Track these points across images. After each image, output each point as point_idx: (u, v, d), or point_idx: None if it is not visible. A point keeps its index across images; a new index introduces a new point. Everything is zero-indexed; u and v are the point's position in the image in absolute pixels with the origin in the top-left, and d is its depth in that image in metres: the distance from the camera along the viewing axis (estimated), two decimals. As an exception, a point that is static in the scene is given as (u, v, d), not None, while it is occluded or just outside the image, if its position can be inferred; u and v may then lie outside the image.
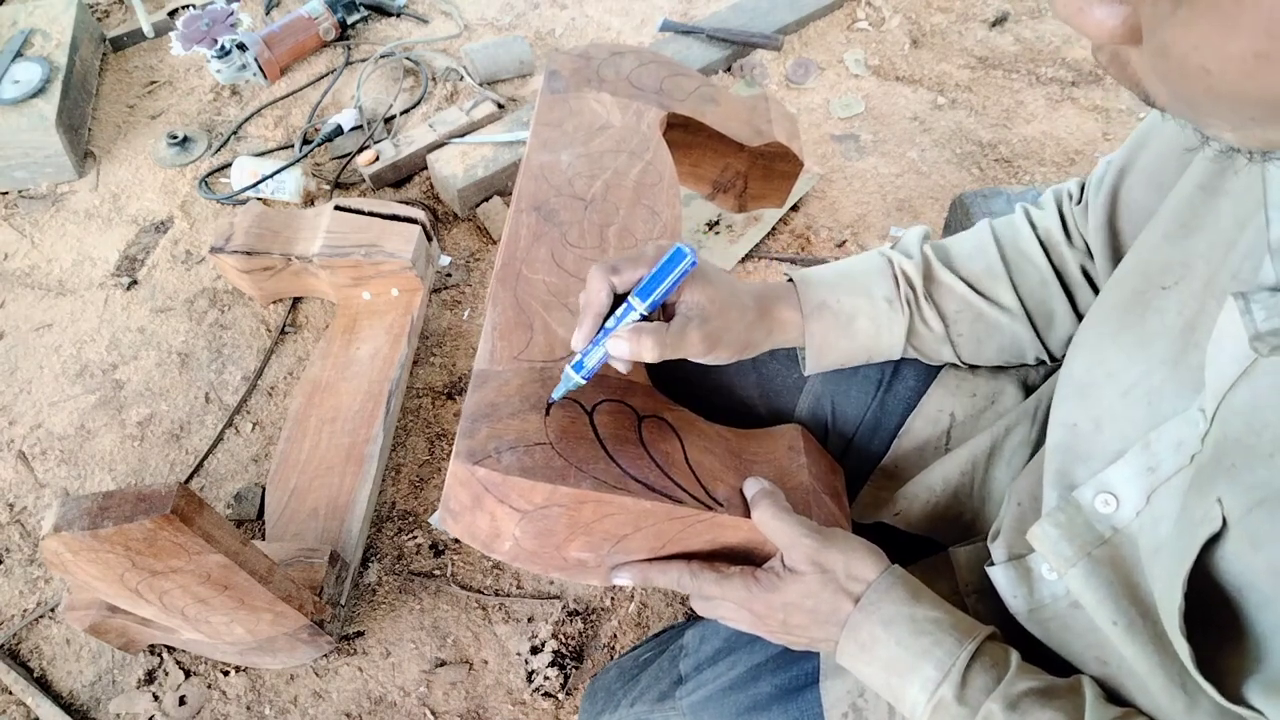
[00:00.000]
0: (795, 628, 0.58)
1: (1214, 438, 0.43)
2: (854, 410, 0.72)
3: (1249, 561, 0.39)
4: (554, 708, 1.07)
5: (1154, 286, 0.49)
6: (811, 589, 0.56)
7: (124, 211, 1.53)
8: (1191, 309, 0.46)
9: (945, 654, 0.52)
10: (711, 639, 0.72)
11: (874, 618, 0.54)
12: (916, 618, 0.53)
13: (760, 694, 0.66)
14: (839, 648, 0.56)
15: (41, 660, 1.10)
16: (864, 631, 0.54)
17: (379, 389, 1.24)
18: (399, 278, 1.28)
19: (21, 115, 1.50)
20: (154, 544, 0.74)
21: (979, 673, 0.51)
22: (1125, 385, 0.49)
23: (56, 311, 1.41)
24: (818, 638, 0.57)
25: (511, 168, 1.52)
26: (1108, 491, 0.49)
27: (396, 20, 1.86)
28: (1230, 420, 0.41)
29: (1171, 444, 0.46)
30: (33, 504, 1.22)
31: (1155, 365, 0.48)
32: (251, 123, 1.66)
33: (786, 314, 0.65)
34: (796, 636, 0.59)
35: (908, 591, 0.55)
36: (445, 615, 1.14)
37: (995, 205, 1.24)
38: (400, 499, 1.23)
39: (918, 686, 0.52)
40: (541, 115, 0.89)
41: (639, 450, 0.60)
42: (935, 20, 1.92)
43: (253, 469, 1.25)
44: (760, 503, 0.59)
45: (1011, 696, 0.49)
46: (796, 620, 0.57)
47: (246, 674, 1.09)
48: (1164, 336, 0.47)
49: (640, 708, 0.73)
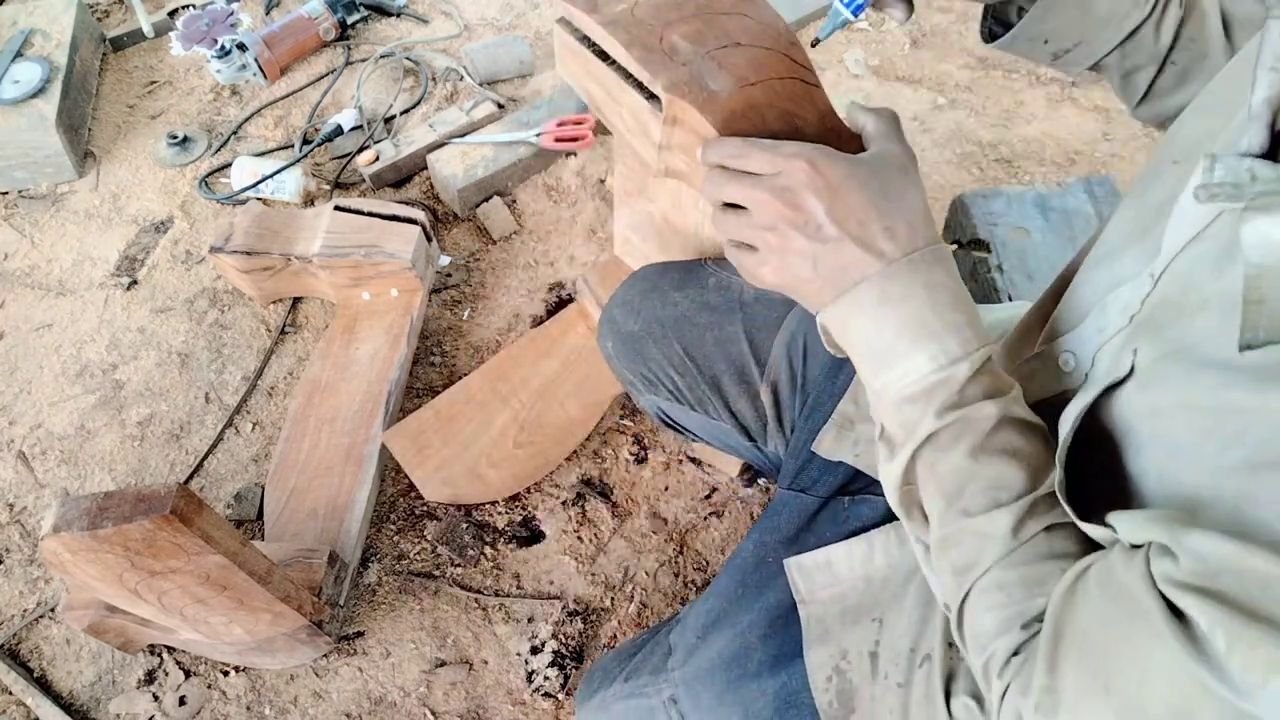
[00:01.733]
0: (829, 237, 0.49)
1: (1153, 300, 0.45)
2: (822, 348, 0.74)
3: (1135, 405, 0.43)
4: (554, 708, 1.07)
5: (1167, 160, 0.49)
6: (890, 180, 0.50)
7: (124, 211, 1.53)
8: (1180, 183, 0.46)
9: (975, 336, 0.49)
10: (701, 609, 0.73)
11: (918, 275, 0.49)
12: (959, 295, 0.50)
13: (750, 663, 0.67)
14: (855, 292, 0.50)
15: (41, 660, 1.10)
16: (899, 283, 0.49)
17: (378, 389, 1.24)
18: (399, 278, 1.28)
19: (21, 115, 1.50)
20: (153, 544, 0.74)
21: (987, 372, 0.49)
22: (1106, 250, 0.51)
23: (56, 311, 1.41)
24: (843, 263, 0.49)
25: (511, 168, 1.52)
26: (1069, 351, 0.52)
27: (396, 20, 1.86)
28: (1170, 283, 0.43)
29: (1120, 306, 0.48)
30: (33, 504, 1.22)
31: (1132, 232, 0.49)
32: (251, 123, 1.66)
33: None
34: (817, 248, 0.50)
35: (954, 269, 0.51)
36: (445, 615, 1.14)
37: (995, 205, 1.24)
38: (400, 499, 1.22)
39: (927, 355, 0.48)
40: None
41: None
42: (935, 20, 1.92)
43: (252, 469, 1.25)
44: (883, 110, 0.55)
45: (1007, 410, 0.48)
46: (842, 216, 0.49)
47: (246, 674, 1.09)
48: (1152, 209, 0.48)
49: (634, 683, 0.74)
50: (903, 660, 0.61)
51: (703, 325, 0.82)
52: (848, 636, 0.64)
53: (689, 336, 0.82)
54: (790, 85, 0.57)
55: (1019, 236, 1.20)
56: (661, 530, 1.20)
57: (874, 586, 0.65)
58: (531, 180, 1.57)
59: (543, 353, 1.27)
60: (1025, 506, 0.46)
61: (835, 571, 0.66)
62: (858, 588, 0.65)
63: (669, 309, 0.83)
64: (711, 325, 0.81)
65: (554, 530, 1.20)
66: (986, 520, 0.47)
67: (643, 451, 1.27)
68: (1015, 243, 1.20)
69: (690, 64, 0.57)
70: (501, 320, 1.41)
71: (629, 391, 0.92)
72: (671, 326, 0.83)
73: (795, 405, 0.79)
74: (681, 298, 0.83)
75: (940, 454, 0.49)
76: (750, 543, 0.73)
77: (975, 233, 1.22)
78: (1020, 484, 0.47)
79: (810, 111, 0.57)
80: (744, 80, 0.56)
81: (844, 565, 0.66)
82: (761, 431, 0.83)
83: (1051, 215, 1.22)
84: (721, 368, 0.81)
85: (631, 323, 0.85)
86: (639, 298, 0.86)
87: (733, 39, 0.58)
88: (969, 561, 0.48)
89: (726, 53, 0.57)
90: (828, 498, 0.71)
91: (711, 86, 0.56)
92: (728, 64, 0.57)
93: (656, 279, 0.87)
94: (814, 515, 0.71)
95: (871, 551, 0.65)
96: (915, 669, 0.60)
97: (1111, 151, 1.66)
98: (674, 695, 0.70)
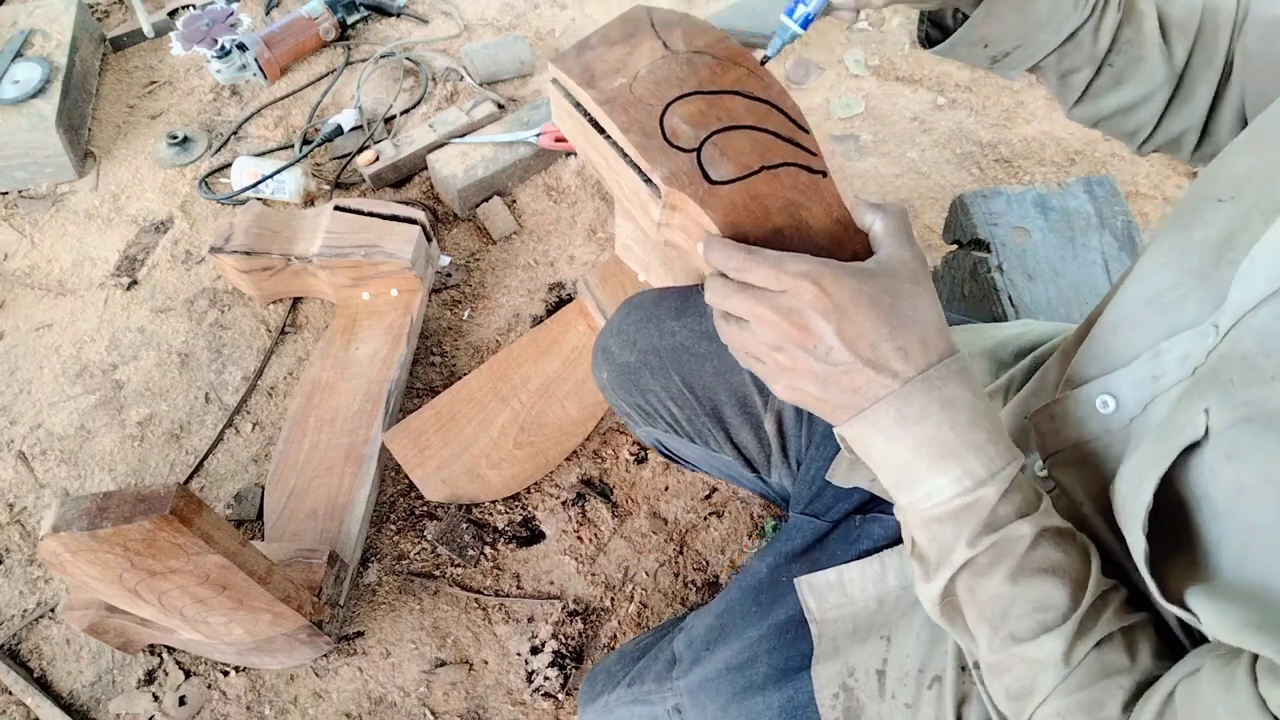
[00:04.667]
0: (839, 361, 0.47)
1: (1220, 353, 0.43)
2: None
3: (1217, 473, 0.40)
4: (554, 708, 1.07)
5: (1211, 198, 0.48)
6: (901, 294, 0.48)
7: (124, 211, 1.53)
8: (1235, 223, 0.45)
9: (999, 455, 0.47)
10: (708, 619, 0.73)
11: (935, 393, 0.47)
12: (979, 409, 0.48)
13: (756, 675, 0.66)
14: (870, 413, 0.48)
15: (41, 660, 1.10)
16: (915, 403, 0.47)
17: (378, 389, 1.24)
18: (398, 278, 1.28)
19: (21, 115, 1.50)
20: (153, 544, 0.74)
21: (1017, 488, 0.47)
22: (1152, 292, 0.49)
23: (56, 311, 1.41)
24: (855, 385, 0.48)
25: (511, 168, 1.52)
26: (1109, 393, 0.50)
27: (396, 20, 1.86)
28: (1244, 338, 0.41)
29: (1179, 355, 0.46)
30: (33, 504, 1.22)
31: (1184, 276, 0.47)
32: (251, 123, 1.66)
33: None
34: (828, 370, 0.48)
35: (974, 380, 0.49)
36: (445, 615, 1.14)
37: (995, 205, 1.24)
38: (400, 499, 1.22)
39: (951, 478, 0.46)
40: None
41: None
42: (935, 20, 1.92)
43: (252, 469, 1.25)
44: (891, 208, 0.52)
45: (1041, 526, 0.47)
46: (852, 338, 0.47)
47: (246, 674, 1.09)
48: (1201, 248, 0.47)
49: (637, 688, 0.74)
50: (911, 681, 0.60)
51: (702, 355, 0.79)
52: (856, 653, 0.63)
53: (688, 367, 0.79)
54: (795, 174, 0.55)
55: (1019, 236, 1.20)
56: (661, 530, 1.20)
57: (886, 606, 0.64)
58: (531, 180, 1.57)
59: (542, 352, 1.27)
60: (1074, 628, 0.45)
61: (848, 591, 0.65)
62: (870, 607, 0.64)
63: (666, 338, 0.81)
64: (711, 354, 0.78)
65: (554, 530, 1.20)
66: (1036, 647, 0.45)
67: (643, 451, 1.27)
68: (1015, 243, 1.20)
69: (691, 151, 0.54)
70: (501, 320, 1.41)
71: (625, 423, 0.90)
72: (669, 357, 0.80)
73: (801, 434, 0.77)
74: (679, 327, 0.80)
75: (979, 579, 0.47)
76: (763, 563, 0.72)
77: (975, 233, 1.22)
78: (1064, 602, 0.45)
79: (816, 202, 0.55)
80: (747, 168, 0.54)
81: (856, 586, 0.65)
82: (765, 462, 0.81)
83: (1051, 215, 1.22)
84: (723, 398, 0.78)
85: (627, 353, 0.83)
86: (634, 327, 0.83)
87: (736, 120, 0.55)
88: (1023, 688, 0.47)
89: (729, 137, 0.55)
90: (840, 520, 0.70)
91: (713, 176, 0.54)
92: (730, 150, 0.54)
93: (653, 307, 0.83)
94: (826, 535, 0.70)
95: (884, 571, 0.64)
96: (924, 690, 0.59)
97: (1111, 151, 1.66)
98: (678, 704, 0.70)
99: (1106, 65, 0.65)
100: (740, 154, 0.54)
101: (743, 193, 0.54)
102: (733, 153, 0.54)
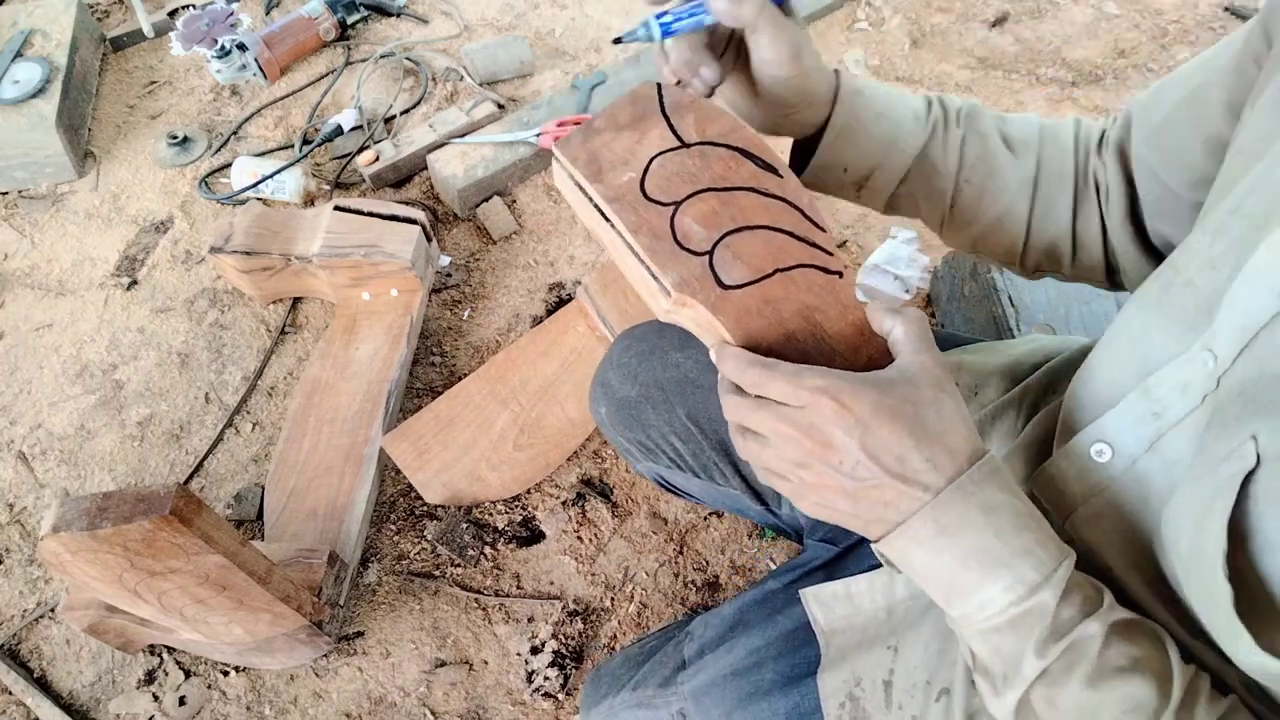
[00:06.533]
0: (866, 477, 0.46)
1: (1240, 375, 0.41)
2: None
3: (1274, 500, 0.38)
4: (554, 708, 1.07)
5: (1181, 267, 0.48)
6: (924, 404, 0.46)
7: (124, 211, 1.53)
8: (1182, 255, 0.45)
9: (1050, 558, 0.45)
10: (715, 624, 0.72)
11: (973, 500, 0.45)
12: (1020, 511, 0.46)
13: (762, 681, 0.66)
14: (907, 527, 0.46)
15: (41, 660, 1.10)
16: (953, 512, 0.45)
17: (378, 389, 1.24)
18: (398, 278, 1.28)
19: (21, 115, 1.50)
20: (152, 545, 0.74)
21: (1076, 588, 0.45)
22: (1130, 333, 0.49)
23: (56, 311, 1.41)
24: (885, 499, 0.46)
25: (511, 168, 1.52)
26: (1102, 441, 0.49)
27: (396, 20, 1.86)
28: (1270, 357, 0.40)
29: (1176, 387, 0.45)
30: (33, 504, 1.23)
31: (1143, 309, 0.48)
32: (251, 123, 1.66)
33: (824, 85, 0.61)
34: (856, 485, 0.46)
35: (1008, 480, 0.47)
36: (445, 615, 1.14)
37: (995, 205, 1.24)
38: (400, 499, 1.23)
39: (1002, 587, 0.45)
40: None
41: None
42: (935, 20, 1.92)
43: (252, 469, 1.25)
44: (910, 312, 0.51)
45: (1109, 622, 0.45)
46: (877, 452, 0.45)
47: (246, 674, 1.09)
48: (1158, 283, 0.47)
49: (642, 692, 0.74)
50: (918, 693, 0.59)
51: (708, 387, 0.77)
52: (862, 662, 0.62)
53: (693, 400, 0.77)
54: (810, 275, 0.53)
55: (1019, 237, 1.20)
56: (661, 530, 1.21)
57: (895, 617, 0.63)
58: (531, 180, 1.57)
59: (541, 354, 1.27)
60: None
61: (855, 603, 0.64)
62: (878, 617, 0.63)
63: (670, 371, 0.79)
64: (717, 386, 0.78)
65: (554, 530, 1.20)
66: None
67: (642, 452, 1.27)
68: (1015, 243, 1.20)
69: (703, 255, 0.52)
70: (501, 320, 1.41)
71: (624, 458, 0.87)
72: (673, 390, 0.78)
73: None
74: (684, 358, 0.78)
75: (1056, 689, 0.45)
76: (778, 581, 0.72)
77: (975, 233, 1.22)
78: (1153, 700, 0.43)
79: (831, 305, 0.53)
80: (760, 271, 0.52)
81: (865, 597, 0.64)
82: (775, 495, 0.79)
83: (1051, 215, 1.22)
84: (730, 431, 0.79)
85: (628, 387, 0.81)
86: (636, 360, 0.81)
87: (749, 220, 0.53)
88: None
89: (743, 238, 0.53)
90: (855, 545, 0.70)
91: (725, 281, 0.52)
92: (743, 252, 0.52)
93: (655, 339, 0.81)
94: (840, 556, 0.71)
95: (893, 582, 0.63)
96: (931, 702, 0.59)
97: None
98: (683, 709, 0.70)
99: (964, 182, 0.63)
100: (754, 256, 0.52)
101: (756, 297, 0.52)
102: (746, 255, 0.52)
